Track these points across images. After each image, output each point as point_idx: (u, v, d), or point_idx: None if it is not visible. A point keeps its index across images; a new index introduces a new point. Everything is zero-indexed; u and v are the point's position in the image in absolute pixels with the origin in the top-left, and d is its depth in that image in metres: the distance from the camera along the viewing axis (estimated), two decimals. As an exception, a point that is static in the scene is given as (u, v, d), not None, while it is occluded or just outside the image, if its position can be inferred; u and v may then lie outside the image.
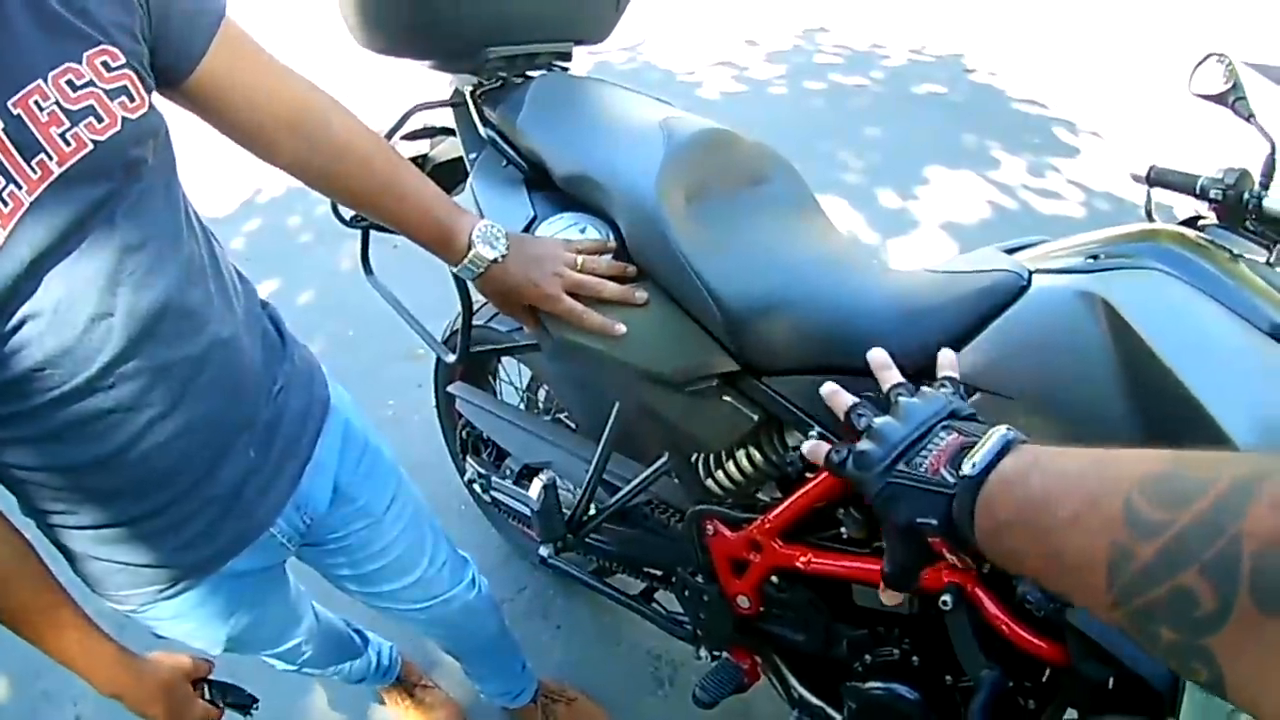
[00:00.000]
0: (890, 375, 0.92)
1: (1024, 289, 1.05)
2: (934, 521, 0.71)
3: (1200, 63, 1.28)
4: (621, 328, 1.20)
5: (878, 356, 0.95)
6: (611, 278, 1.22)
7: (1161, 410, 0.92)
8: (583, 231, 1.32)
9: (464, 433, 2.18)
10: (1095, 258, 1.05)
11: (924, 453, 0.76)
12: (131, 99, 0.84)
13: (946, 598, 1.08)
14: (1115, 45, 5.67)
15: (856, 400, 0.91)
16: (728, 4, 6.33)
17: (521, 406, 2.11)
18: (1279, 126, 1.22)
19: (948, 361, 0.96)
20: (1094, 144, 4.56)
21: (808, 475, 1.18)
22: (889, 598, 0.87)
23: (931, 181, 4.11)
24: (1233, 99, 1.24)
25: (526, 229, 1.34)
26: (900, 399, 0.85)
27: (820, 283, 1.19)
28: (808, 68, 5.33)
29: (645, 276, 1.25)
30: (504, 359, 2.10)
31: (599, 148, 1.33)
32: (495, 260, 1.17)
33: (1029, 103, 5.04)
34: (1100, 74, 5.32)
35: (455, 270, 1.20)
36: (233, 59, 0.98)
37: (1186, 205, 1.24)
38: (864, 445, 0.81)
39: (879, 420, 0.83)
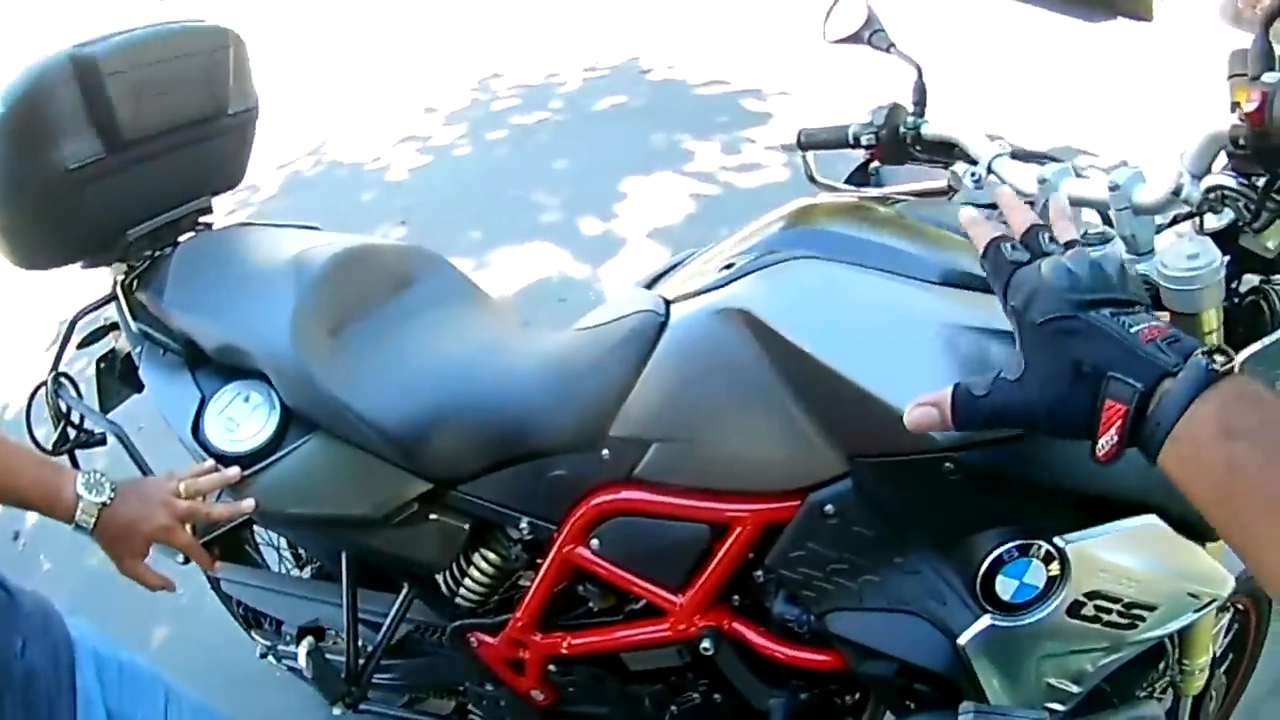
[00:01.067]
0: (1070, 228, 0.79)
1: (664, 324, 1.05)
2: (1138, 385, 0.61)
3: (831, 8, 1.26)
4: (217, 565, 1.28)
5: (1058, 203, 0.83)
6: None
7: (836, 409, 0.91)
8: (246, 400, 1.30)
9: (240, 609, 2.06)
10: (729, 267, 1.04)
11: (1137, 320, 0.65)
12: None
13: (706, 643, 1.10)
14: (782, 7, 5.76)
15: (1041, 222, 0.79)
16: (403, 74, 6.28)
17: (286, 567, 2.02)
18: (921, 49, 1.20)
19: (1059, 208, 0.83)
20: (783, 103, 4.72)
21: (538, 562, 1.19)
22: (918, 418, 0.74)
23: (629, 195, 4.16)
24: (869, 34, 1.23)
25: (199, 412, 1.32)
26: (1106, 251, 0.75)
27: (474, 380, 1.20)
28: (487, 119, 5.35)
29: (312, 425, 1.23)
30: (254, 526, 2.01)
31: (238, 309, 1.31)
32: (105, 504, 1.14)
33: (712, 83, 5.19)
34: (774, 34, 5.47)
35: (72, 527, 1.15)
36: None
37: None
38: (1068, 262, 0.71)
39: (1094, 253, 0.72)
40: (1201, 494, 0.58)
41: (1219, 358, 0.59)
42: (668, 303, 1.08)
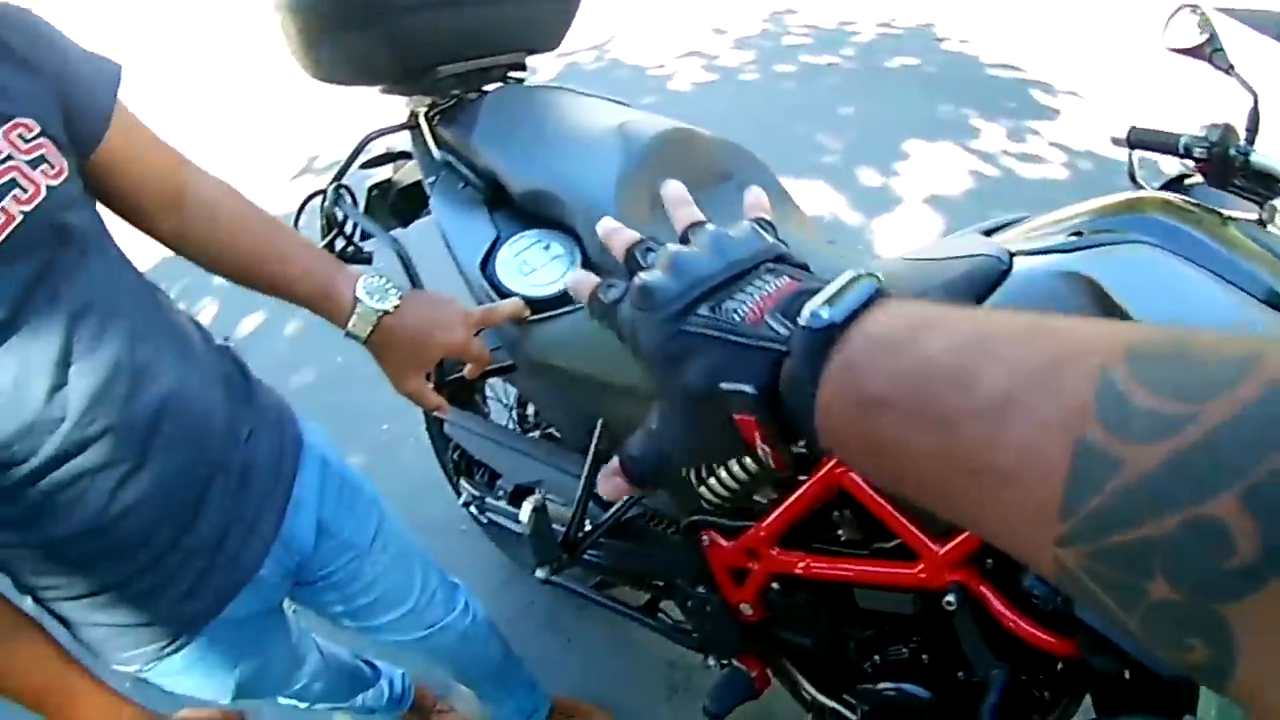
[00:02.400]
0: (689, 213, 0.64)
1: (1006, 273, 1.03)
2: (748, 389, 0.47)
3: (1172, 15, 1.24)
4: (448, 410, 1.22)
5: (671, 189, 0.68)
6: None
7: None
8: (545, 248, 1.31)
9: (456, 455, 2.16)
10: (1079, 234, 1.03)
11: (739, 298, 0.51)
12: (52, 166, 0.85)
13: (950, 598, 1.07)
14: (1086, 2, 5.63)
15: (644, 238, 0.65)
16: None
17: (511, 425, 2.09)
18: (1261, 75, 1.19)
19: (756, 201, 0.69)
20: (1073, 104, 4.52)
21: (800, 478, 1.17)
22: (612, 490, 0.61)
23: (911, 156, 4.08)
24: (1210, 51, 1.20)
25: (490, 250, 1.33)
26: (704, 231, 0.59)
27: None
28: (777, 51, 5.30)
29: None
30: (490, 378, 2.09)
31: (556, 160, 1.31)
32: (387, 312, 1.09)
33: (1004, 67, 5.00)
34: (1074, 32, 5.28)
35: (344, 332, 1.11)
36: (126, 136, 0.98)
37: (1172, 163, 1.21)
38: (650, 277, 0.54)
39: (674, 249, 0.56)
40: (882, 483, 0.43)
41: (841, 296, 0.44)
42: (1010, 254, 1.05)
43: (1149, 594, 0.29)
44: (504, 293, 1.29)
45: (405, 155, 1.70)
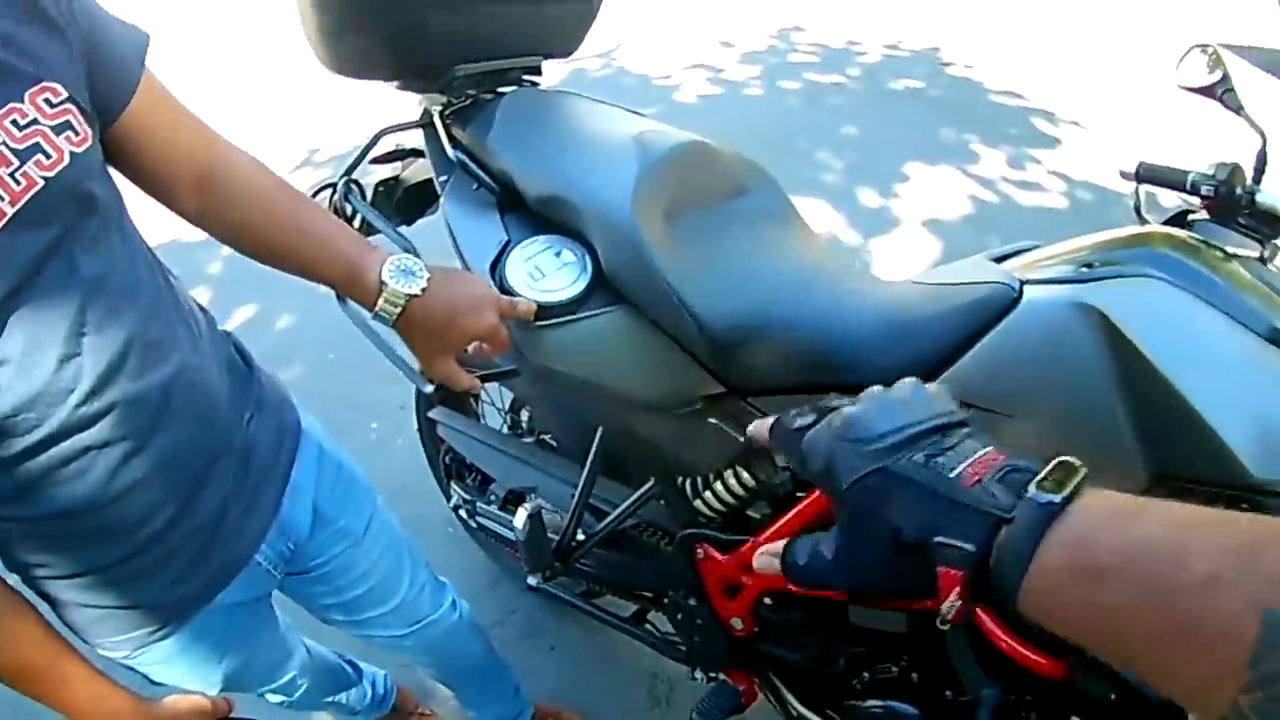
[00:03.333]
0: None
1: (1016, 301, 1.03)
2: (968, 547, 0.52)
3: (1185, 54, 1.25)
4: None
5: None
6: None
7: (1160, 423, 0.92)
8: (558, 255, 1.30)
9: (447, 457, 2.15)
10: (1089, 266, 1.04)
11: (950, 455, 0.56)
12: (76, 133, 0.83)
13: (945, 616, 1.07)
14: (1093, 33, 5.69)
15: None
16: (701, 6, 6.32)
17: (504, 429, 2.08)
18: (1272, 116, 1.19)
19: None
20: (1074, 134, 4.57)
21: (799, 495, 1.16)
22: (763, 567, 0.69)
23: (912, 178, 4.11)
24: (1221, 91, 1.21)
25: (500, 253, 1.32)
26: (903, 381, 0.65)
27: (805, 300, 1.17)
28: (783, 67, 5.33)
29: (620, 298, 1.23)
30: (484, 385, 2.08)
31: (572, 166, 1.30)
32: (415, 295, 1.07)
33: (1007, 94, 5.05)
34: (1078, 63, 5.34)
35: (373, 314, 1.09)
36: (153, 106, 0.97)
37: (1172, 198, 1.22)
38: (855, 409, 0.60)
39: (877, 390, 0.63)
40: (1075, 637, 0.49)
41: (1057, 486, 0.51)
42: (1021, 282, 1.06)
43: None
44: (513, 296, 1.29)
45: (415, 153, 1.69)
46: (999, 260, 1.18)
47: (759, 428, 0.70)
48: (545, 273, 1.29)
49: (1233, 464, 0.87)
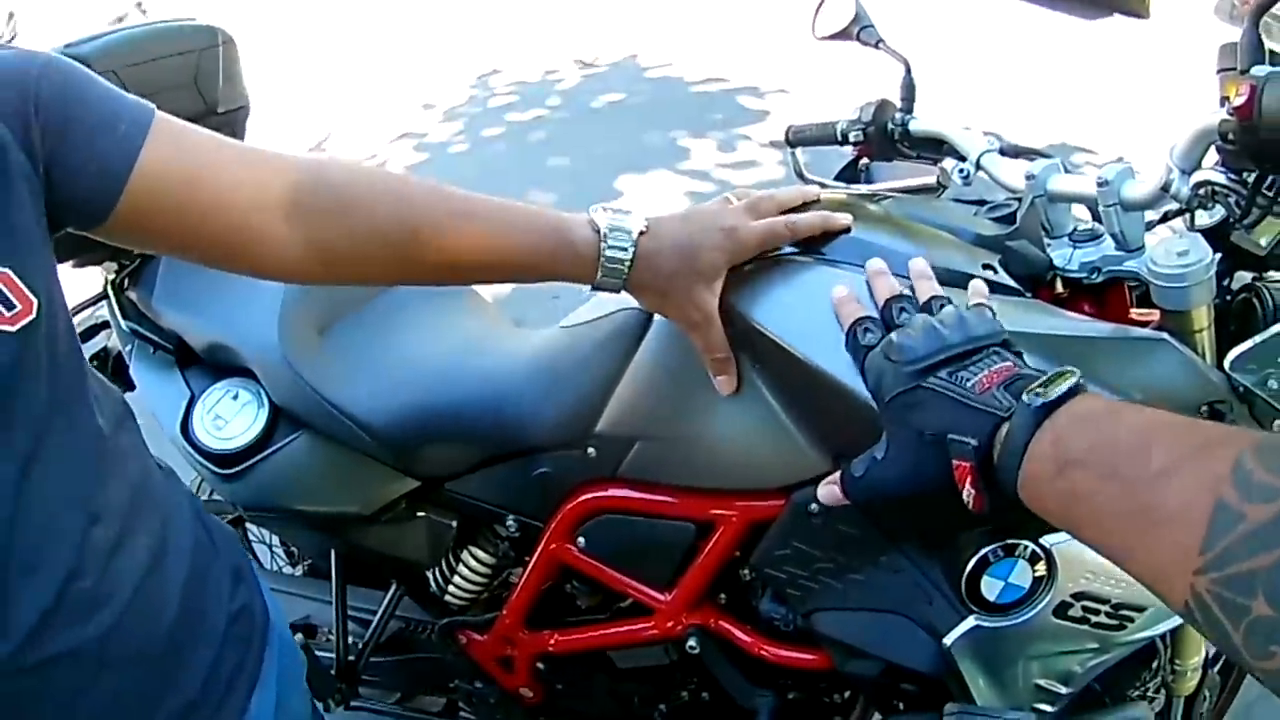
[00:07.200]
0: (929, 286, 0.82)
1: (649, 321, 1.03)
2: (973, 441, 0.63)
3: (820, 5, 1.22)
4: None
5: (918, 265, 0.84)
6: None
7: (819, 405, 0.88)
8: (234, 398, 1.29)
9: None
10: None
11: (972, 369, 0.68)
12: (10, 307, 0.63)
13: (692, 641, 1.09)
14: (780, 5, 5.80)
15: (901, 293, 0.80)
16: (401, 71, 6.25)
17: (278, 565, 2.01)
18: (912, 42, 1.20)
19: (979, 289, 0.83)
20: (782, 101, 4.75)
21: (525, 559, 1.18)
22: (828, 496, 0.78)
23: (625, 192, 4.16)
24: (857, 30, 1.18)
25: (188, 411, 1.30)
26: (948, 307, 0.76)
27: (460, 377, 1.20)
28: (484, 116, 5.35)
29: (301, 423, 1.23)
30: (246, 524, 2.00)
31: (225, 308, 1.30)
32: (643, 230, 0.86)
33: (710, 80, 5.22)
34: (775, 32, 5.32)
35: (594, 285, 0.89)
36: (176, 148, 0.75)
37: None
38: (903, 338, 0.72)
39: (925, 318, 0.74)
40: (1060, 523, 0.59)
41: (1054, 387, 0.60)
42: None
43: (1251, 611, 0.42)
44: (206, 453, 1.26)
45: (108, 324, 1.62)
46: None
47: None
48: (226, 419, 1.28)
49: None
